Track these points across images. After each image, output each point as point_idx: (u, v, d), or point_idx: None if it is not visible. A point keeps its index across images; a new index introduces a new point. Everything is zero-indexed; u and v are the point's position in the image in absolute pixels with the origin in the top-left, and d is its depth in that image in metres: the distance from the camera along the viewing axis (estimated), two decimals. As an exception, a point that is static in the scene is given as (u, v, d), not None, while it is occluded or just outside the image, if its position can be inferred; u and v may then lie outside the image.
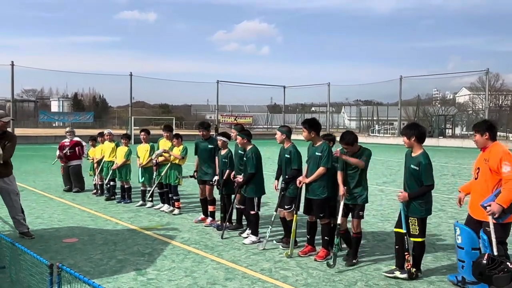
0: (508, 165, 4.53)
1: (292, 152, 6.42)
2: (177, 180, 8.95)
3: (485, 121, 5.03)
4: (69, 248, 6.49)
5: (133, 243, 6.74)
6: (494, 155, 4.67)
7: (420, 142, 5.21)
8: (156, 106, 75.97)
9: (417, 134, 5.17)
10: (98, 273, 5.41)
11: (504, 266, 4.35)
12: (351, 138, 5.76)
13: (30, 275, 4.13)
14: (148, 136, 9.76)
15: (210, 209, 8.04)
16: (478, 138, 4.88)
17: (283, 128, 6.72)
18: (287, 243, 6.43)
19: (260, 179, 6.91)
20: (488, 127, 4.84)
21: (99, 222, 8.16)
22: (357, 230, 5.78)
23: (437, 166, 17.85)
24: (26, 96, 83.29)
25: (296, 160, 6.40)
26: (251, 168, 6.76)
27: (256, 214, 6.87)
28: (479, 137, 4.86)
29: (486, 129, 4.82)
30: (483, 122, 4.96)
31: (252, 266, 5.74)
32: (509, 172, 4.53)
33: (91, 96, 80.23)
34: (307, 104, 69.14)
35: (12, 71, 35.26)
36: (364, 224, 8.05)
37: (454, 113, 50.29)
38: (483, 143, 4.84)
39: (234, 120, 51.71)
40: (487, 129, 4.82)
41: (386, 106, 60.10)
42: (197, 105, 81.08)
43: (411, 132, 5.21)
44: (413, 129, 5.25)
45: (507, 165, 4.54)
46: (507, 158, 4.58)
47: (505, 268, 4.35)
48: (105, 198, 10.37)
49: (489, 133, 4.80)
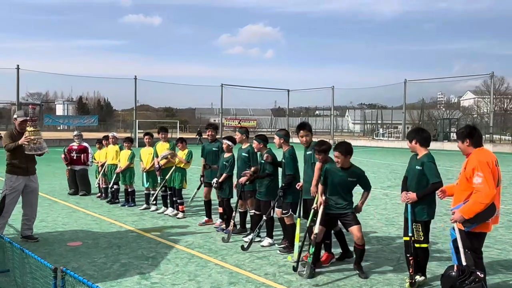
0: (481, 177, 4.38)
1: (287, 158, 6.44)
2: (181, 183, 8.95)
3: (466, 127, 4.86)
4: (73, 251, 6.49)
5: (137, 247, 6.74)
6: (470, 164, 4.56)
7: (424, 146, 5.18)
8: (160, 110, 76.25)
9: (418, 139, 5.17)
10: (102, 276, 5.41)
11: (474, 277, 4.24)
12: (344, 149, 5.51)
13: (34, 278, 4.12)
14: (152, 140, 9.79)
15: (219, 210, 8.03)
16: (460, 145, 4.79)
17: (280, 132, 6.75)
18: (285, 245, 6.44)
19: (275, 182, 6.89)
20: (468, 134, 4.69)
21: (103, 225, 8.17)
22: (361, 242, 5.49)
23: (442, 170, 17.72)
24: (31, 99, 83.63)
25: (291, 166, 6.39)
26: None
27: (272, 217, 6.88)
28: (461, 144, 4.76)
29: (466, 136, 4.69)
30: (464, 128, 4.83)
31: (256, 270, 5.72)
32: (479, 183, 4.38)
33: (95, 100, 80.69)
34: (311, 107, 69.23)
35: (17, 74, 35.52)
36: (368, 228, 8.03)
37: (459, 117, 50.17)
38: (465, 150, 4.72)
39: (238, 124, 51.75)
40: (467, 135, 4.68)
41: (390, 110, 60.05)
42: (201, 108, 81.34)
43: (412, 136, 5.24)
44: (415, 133, 5.27)
45: (479, 176, 4.39)
46: (480, 169, 4.42)
47: (476, 278, 4.24)
48: (108, 201, 10.38)
49: (469, 139, 4.66)
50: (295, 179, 6.41)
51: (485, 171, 4.39)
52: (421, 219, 5.09)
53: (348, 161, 5.54)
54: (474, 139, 4.66)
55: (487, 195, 4.33)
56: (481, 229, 4.52)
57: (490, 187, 4.34)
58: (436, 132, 40.95)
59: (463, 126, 5.00)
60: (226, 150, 7.73)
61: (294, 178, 6.39)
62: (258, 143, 6.96)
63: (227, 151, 7.73)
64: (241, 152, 7.43)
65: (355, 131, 66.30)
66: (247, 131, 7.73)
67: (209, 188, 8.14)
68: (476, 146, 4.66)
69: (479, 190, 4.37)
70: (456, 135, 4.98)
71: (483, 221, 4.47)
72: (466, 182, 4.54)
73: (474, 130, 4.76)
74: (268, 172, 6.77)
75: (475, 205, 4.38)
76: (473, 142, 4.66)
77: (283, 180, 6.47)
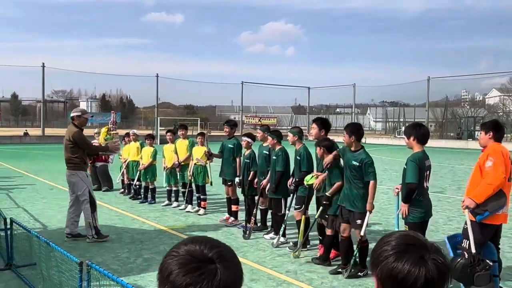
0: (492, 161, 4.39)
1: (302, 154, 6.43)
2: (204, 179, 9.00)
3: (493, 120, 4.88)
4: (97, 246, 6.60)
5: (159, 242, 6.82)
6: (484, 153, 4.56)
7: (421, 143, 4.95)
8: (181, 107, 76.80)
9: (416, 135, 4.93)
10: (125, 271, 5.49)
11: (485, 264, 4.20)
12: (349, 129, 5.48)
13: (60, 272, 4.21)
14: (174, 137, 9.87)
15: (233, 208, 8.07)
16: (482, 136, 4.72)
17: (294, 129, 6.77)
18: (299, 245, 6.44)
19: (286, 180, 6.89)
20: (494, 126, 4.67)
21: (126, 221, 8.29)
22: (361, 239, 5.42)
23: (466, 169, 17.43)
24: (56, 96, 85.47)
25: (306, 163, 6.39)
26: (280, 167, 6.71)
27: (283, 215, 6.86)
28: (483, 135, 4.69)
29: (492, 129, 4.64)
30: (490, 122, 4.81)
31: (277, 267, 5.72)
32: (489, 167, 4.38)
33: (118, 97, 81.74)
34: (332, 105, 68.69)
35: (43, 72, 36.26)
36: (390, 227, 7.93)
37: (484, 115, 49.00)
38: (485, 141, 4.66)
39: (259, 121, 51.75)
40: (493, 128, 4.64)
41: (413, 108, 59.12)
42: (221, 106, 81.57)
43: (410, 132, 5.00)
44: (412, 129, 5.02)
45: (490, 160, 4.41)
46: (493, 154, 4.42)
47: (486, 265, 4.20)
48: (130, 197, 10.52)
49: (493, 132, 4.62)
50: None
51: (497, 157, 4.40)
52: (407, 221, 4.92)
53: (352, 142, 5.43)
54: (498, 133, 4.65)
55: (496, 177, 4.31)
56: (491, 220, 4.45)
57: (499, 170, 4.33)
58: (460, 130, 40.14)
59: (489, 120, 4.96)
60: (246, 147, 7.75)
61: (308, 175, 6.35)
62: (272, 138, 6.97)
63: (247, 148, 7.74)
64: (262, 150, 7.43)
65: (377, 129, 65.53)
66: (268, 128, 7.73)
67: (227, 186, 8.15)
68: (496, 141, 4.64)
69: (488, 173, 4.37)
70: (481, 126, 4.85)
71: (495, 210, 4.39)
72: (479, 172, 4.52)
73: (501, 125, 4.77)
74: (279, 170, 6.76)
75: (484, 188, 4.36)
76: (495, 136, 4.63)
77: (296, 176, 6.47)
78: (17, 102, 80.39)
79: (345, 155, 5.56)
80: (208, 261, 1.16)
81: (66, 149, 6.78)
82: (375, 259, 1.34)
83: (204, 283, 1.12)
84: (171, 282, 1.15)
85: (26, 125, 62.35)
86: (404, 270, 1.25)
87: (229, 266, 1.18)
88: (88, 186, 6.86)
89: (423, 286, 1.24)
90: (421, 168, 4.83)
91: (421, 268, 1.25)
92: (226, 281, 1.14)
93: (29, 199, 10.29)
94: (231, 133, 8.35)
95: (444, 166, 19.08)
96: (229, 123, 8.55)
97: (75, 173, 6.75)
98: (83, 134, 6.92)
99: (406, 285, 1.25)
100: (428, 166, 4.99)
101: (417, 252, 1.27)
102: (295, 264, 5.87)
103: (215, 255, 1.18)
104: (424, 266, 1.25)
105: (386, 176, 15.27)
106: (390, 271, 1.28)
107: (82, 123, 6.88)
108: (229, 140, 8.29)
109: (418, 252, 1.27)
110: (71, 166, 6.77)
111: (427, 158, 4.96)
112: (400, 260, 1.27)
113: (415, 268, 1.25)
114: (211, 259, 1.17)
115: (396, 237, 1.34)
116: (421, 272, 1.25)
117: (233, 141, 8.19)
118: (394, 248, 1.30)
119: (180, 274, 1.14)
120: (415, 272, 1.25)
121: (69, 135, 6.74)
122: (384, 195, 11.24)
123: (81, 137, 6.80)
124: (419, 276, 1.24)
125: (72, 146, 6.70)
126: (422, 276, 1.24)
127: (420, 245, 1.30)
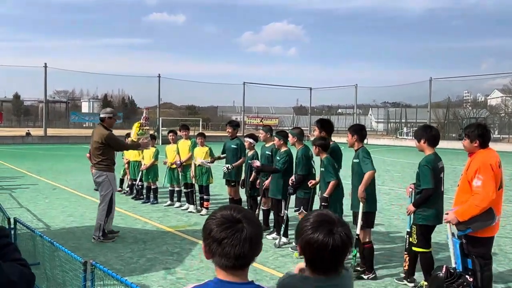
0: (481, 179, 4.17)
1: (298, 157, 6.43)
2: (208, 180, 9.00)
3: (477, 127, 4.50)
4: (100, 246, 6.62)
5: (162, 242, 6.83)
6: (472, 166, 4.32)
7: (432, 145, 4.93)
8: (183, 107, 76.85)
9: (427, 137, 4.91)
10: (128, 271, 5.51)
11: (463, 280, 4.07)
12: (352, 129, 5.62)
13: (63, 271, 4.22)
14: (177, 137, 9.89)
15: None
16: (466, 143, 4.46)
17: (294, 130, 6.76)
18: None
19: (287, 181, 6.89)
20: (480, 134, 4.39)
21: (128, 221, 8.30)
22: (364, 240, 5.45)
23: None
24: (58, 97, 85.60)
25: (301, 166, 6.37)
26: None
27: (284, 215, 6.86)
28: (468, 143, 4.43)
29: (477, 137, 4.38)
30: (475, 128, 4.47)
31: (280, 268, 5.72)
32: (478, 186, 4.18)
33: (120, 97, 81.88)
34: (334, 105, 68.65)
35: (45, 72, 36.31)
36: (393, 228, 7.94)
37: (486, 116, 48.95)
38: (470, 149, 4.45)
39: (260, 122, 51.80)
40: (478, 136, 4.38)
41: (415, 108, 59.02)
42: (223, 106, 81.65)
43: (420, 135, 4.97)
44: (423, 131, 4.99)
45: (479, 179, 4.19)
46: (482, 171, 4.20)
47: (464, 281, 4.06)
48: (132, 198, 10.54)
49: (479, 140, 4.38)
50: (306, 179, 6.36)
51: (486, 174, 4.19)
52: (416, 222, 4.89)
53: (354, 142, 5.54)
54: (484, 140, 4.42)
55: (484, 199, 4.14)
56: (484, 234, 4.30)
57: (489, 191, 4.15)
58: (462, 131, 40.07)
59: (473, 125, 4.69)
60: (249, 148, 7.75)
61: (304, 179, 6.34)
62: (279, 139, 6.96)
63: (250, 149, 7.75)
64: (265, 150, 7.44)
65: (378, 129, 65.49)
66: (271, 129, 7.74)
67: (235, 188, 8.16)
68: (483, 148, 4.42)
69: (477, 193, 4.19)
70: (465, 133, 4.50)
71: (479, 228, 4.23)
72: (468, 184, 4.33)
73: (486, 131, 4.48)
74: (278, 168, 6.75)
75: (470, 208, 4.20)
76: (482, 143, 4.40)
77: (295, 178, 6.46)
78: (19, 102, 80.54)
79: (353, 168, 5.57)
80: (237, 221, 1.64)
81: (96, 150, 6.75)
82: (298, 232, 1.81)
83: (235, 236, 1.61)
84: (212, 237, 1.65)
85: (28, 125, 62.44)
86: (318, 240, 1.73)
87: (252, 224, 1.66)
88: (113, 189, 6.91)
89: (330, 252, 1.73)
90: (435, 171, 4.79)
91: (330, 239, 1.72)
92: (250, 234, 1.63)
93: (32, 199, 10.31)
94: (234, 133, 8.35)
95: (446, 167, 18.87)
96: (232, 123, 8.55)
97: (105, 174, 6.75)
98: (114, 135, 6.96)
99: (319, 251, 1.73)
100: (441, 168, 4.94)
101: (328, 227, 1.75)
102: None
103: (242, 217, 1.66)
104: (332, 237, 1.73)
105: (388, 177, 15.27)
106: (308, 240, 1.75)
107: (111, 124, 6.93)
108: (231, 141, 8.29)
109: (328, 227, 1.75)
110: (100, 167, 6.76)
111: (439, 160, 4.93)
112: (315, 232, 1.74)
113: (326, 238, 1.72)
114: (239, 220, 1.64)
115: (313, 215, 1.82)
116: (329, 241, 1.72)
117: (236, 141, 8.20)
118: (311, 224, 1.78)
119: (218, 231, 1.63)
120: (325, 242, 1.72)
121: (100, 137, 6.70)
122: (386, 195, 11.23)
123: (114, 138, 6.86)
124: (328, 245, 1.72)
125: (103, 147, 6.70)
126: (330, 244, 1.72)
127: (330, 221, 1.78)
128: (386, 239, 7.27)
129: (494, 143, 35.47)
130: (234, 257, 1.62)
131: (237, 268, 1.66)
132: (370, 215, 5.44)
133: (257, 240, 1.67)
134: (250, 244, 1.63)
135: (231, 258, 1.63)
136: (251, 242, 1.64)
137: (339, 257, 1.76)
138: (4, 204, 9.02)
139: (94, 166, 6.83)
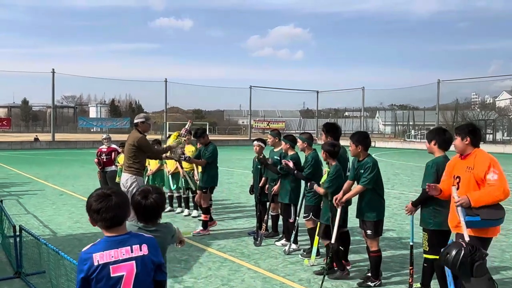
0: (497, 173, 4.09)
1: (308, 161, 6.28)
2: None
3: (468, 125, 4.47)
4: (106, 253, 6.51)
5: (169, 249, 6.69)
6: (481, 163, 4.19)
7: (442, 148, 4.84)
8: (189, 112, 76.94)
9: (438, 140, 4.83)
10: (135, 279, 5.40)
11: (481, 252, 3.89)
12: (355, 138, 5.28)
13: (69, 280, 4.14)
14: (183, 142, 9.79)
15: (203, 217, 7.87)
16: (457, 142, 4.36)
17: (303, 135, 6.58)
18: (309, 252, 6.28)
19: (298, 186, 6.77)
20: (470, 131, 4.32)
21: (135, 227, 8.20)
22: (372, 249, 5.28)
23: (478, 173, 17.13)
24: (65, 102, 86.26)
25: (308, 170, 6.22)
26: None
27: (293, 222, 6.72)
28: (459, 142, 4.35)
29: (468, 134, 4.30)
30: (465, 126, 4.44)
31: (290, 276, 5.59)
32: (495, 180, 4.06)
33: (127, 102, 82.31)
34: (341, 108, 68.40)
35: (53, 78, 36.54)
36: (404, 234, 7.77)
37: (495, 118, 48.54)
38: (462, 148, 4.34)
39: (267, 125, 51.69)
40: (469, 133, 4.30)
41: (422, 111, 58.69)
42: (230, 110, 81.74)
43: (432, 137, 4.90)
44: (435, 134, 4.90)
45: (495, 173, 4.09)
46: (496, 166, 4.13)
47: (483, 254, 3.90)
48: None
49: (470, 138, 4.29)
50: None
51: (499, 169, 4.13)
52: (426, 227, 4.76)
53: (359, 152, 5.22)
54: (476, 138, 4.34)
55: (504, 191, 4.01)
56: (486, 234, 4.13)
57: (506, 185, 4.05)
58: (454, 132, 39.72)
59: (463, 124, 4.63)
60: (258, 153, 7.62)
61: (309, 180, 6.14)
62: (285, 143, 6.83)
63: (259, 153, 7.62)
64: (273, 155, 7.31)
65: (386, 132, 65.14)
66: (279, 133, 7.60)
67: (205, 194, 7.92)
68: (475, 146, 4.33)
69: (494, 185, 4.05)
70: (455, 130, 4.45)
71: (486, 225, 4.06)
72: (475, 183, 4.18)
73: (477, 129, 4.42)
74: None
75: (487, 195, 4.02)
76: (473, 141, 4.31)
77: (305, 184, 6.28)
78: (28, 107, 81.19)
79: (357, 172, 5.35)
80: (107, 196, 2.43)
81: (129, 153, 6.76)
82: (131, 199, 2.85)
83: (108, 205, 2.40)
84: (92, 210, 2.43)
85: (36, 130, 62.91)
86: (137, 201, 2.82)
87: (118, 195, 2.45)
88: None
89: (145, 211, 2.83)
90: (440, 173, 4.67)
91: (145, 201, 2.81)
92: (117, 202, 2.42)
93: (38, 205, 10.27)
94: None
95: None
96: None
97: (135, 178, 6.69)
98: (147, 140, 6.97)
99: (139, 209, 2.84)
100: None
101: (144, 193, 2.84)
102: (308, 272, 5.74)
103: (111, 192, 2.45)
104: (146, 199, 2.81)
105: (398, 181, 15.07)
106: (135, 203, 2.83)
107: (145, 129, 6.91)
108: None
109: (145, 193, 2.84)
110: (131, 170, 6.72)
111: None
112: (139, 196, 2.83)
113: (142, 200, 2.81)
114: (109, 194, 2.44)
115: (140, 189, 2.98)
116: (144, 203, 2.81)
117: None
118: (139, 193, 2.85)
119: (95, 204, 2.42)
120: (141, 203, 2.81)
121: (133, 141, 6.72)
122: (396, 200, 11.04)
123: (146, 143, 6.86)
124: (144, 205, 2.81)
125: (136, 150, 6.69)
126: (144, 205, 2.81)
127: (146, 190, 2.87)
128: (398, 245, 7.11)
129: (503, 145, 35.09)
130: (109, 219, 2.41)
131: (114, 226, 2.44)
132: (378, 223, 5.27)
133: (124, 206, 2.45)
134: (119, 209, 2.41)
135: (108, 221, 2.41)
136: (119, 207, 2.41)
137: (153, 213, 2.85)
138: (11, 210, 8.98)
139: (124, 169, 6.82)
